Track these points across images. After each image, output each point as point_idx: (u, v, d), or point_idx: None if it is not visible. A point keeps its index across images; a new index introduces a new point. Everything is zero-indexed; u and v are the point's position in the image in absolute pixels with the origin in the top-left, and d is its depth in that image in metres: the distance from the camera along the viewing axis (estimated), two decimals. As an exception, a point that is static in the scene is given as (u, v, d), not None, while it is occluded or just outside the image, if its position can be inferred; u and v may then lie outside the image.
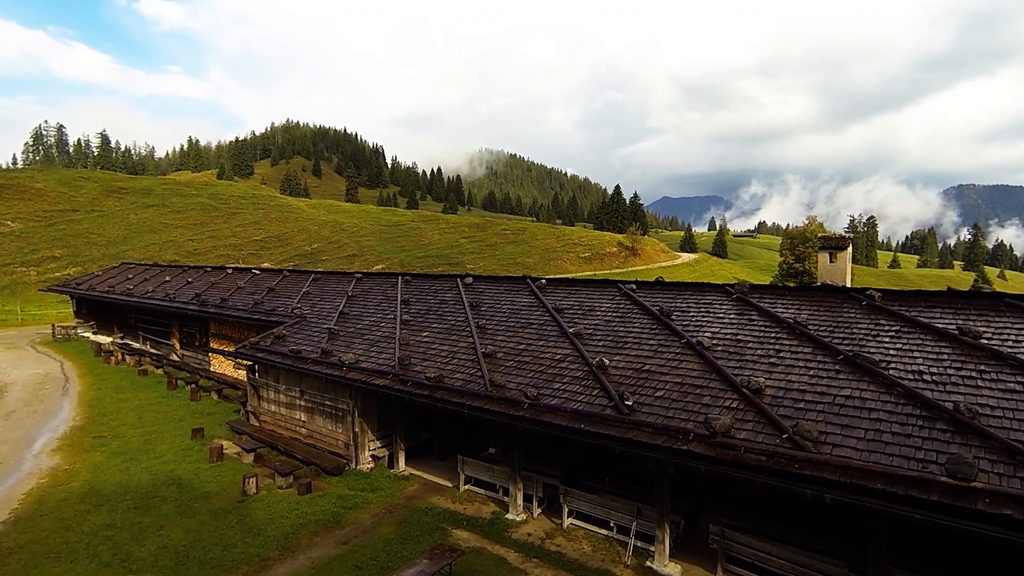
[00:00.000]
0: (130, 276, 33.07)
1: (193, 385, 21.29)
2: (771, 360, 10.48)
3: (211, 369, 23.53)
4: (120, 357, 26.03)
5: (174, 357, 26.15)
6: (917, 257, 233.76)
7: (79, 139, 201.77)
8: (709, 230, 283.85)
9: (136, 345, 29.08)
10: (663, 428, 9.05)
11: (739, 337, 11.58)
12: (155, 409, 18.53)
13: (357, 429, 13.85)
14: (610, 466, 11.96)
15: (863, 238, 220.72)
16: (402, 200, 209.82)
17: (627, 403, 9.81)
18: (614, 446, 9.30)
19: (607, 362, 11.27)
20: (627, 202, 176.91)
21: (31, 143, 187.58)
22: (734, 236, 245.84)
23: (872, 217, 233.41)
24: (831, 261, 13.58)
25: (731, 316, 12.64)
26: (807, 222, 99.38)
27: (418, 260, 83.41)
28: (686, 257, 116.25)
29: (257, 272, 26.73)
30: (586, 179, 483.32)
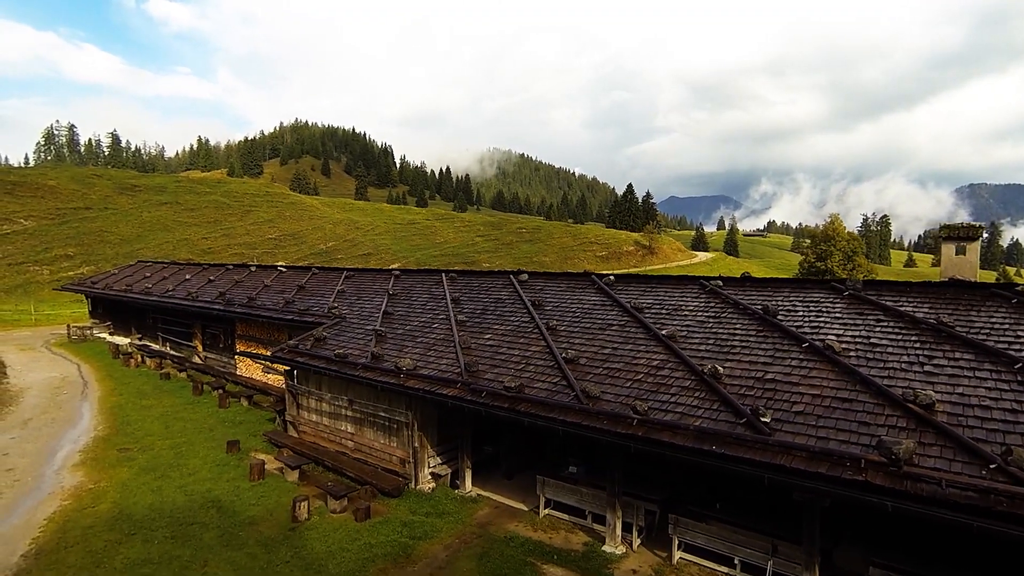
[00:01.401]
0: (148, 275, 31.70)
1: (220, 390, 19.79)
2: (926, 369, 8.83)
3: (238, 373, 22.05)
4: (140, 359, 24.61)
5: (196, 360, 24.71)
6: (931, 256, 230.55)
7: (90, 139, 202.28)
8: (718, 229, 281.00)
9: (156, 347, 27.67)
10: (822, 453, 7.41)
11: (872, 340, 9.93)
12: (182, 417, 17.04)
13: (416, 444, 12.28)
14: (723, 491, 10.31)
15: (876, 237, 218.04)
16: (411, 199, 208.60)
17: (763, 420, 8.19)
18: (760, 473, 7.66)
19: (720, 369, 9.63)
20: (639, 201, 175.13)
21: (43, 143, 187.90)
22: (744, 235, 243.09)
23: (885, 216, 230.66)
24: (958, 253, 11.88)
25: (850, 316, 11.00)
26: (829, 220, 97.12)
27: (434, 259, 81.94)
28: (702, 256, 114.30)
29: (283, 269, 25.26)
30: (594, 178, 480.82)
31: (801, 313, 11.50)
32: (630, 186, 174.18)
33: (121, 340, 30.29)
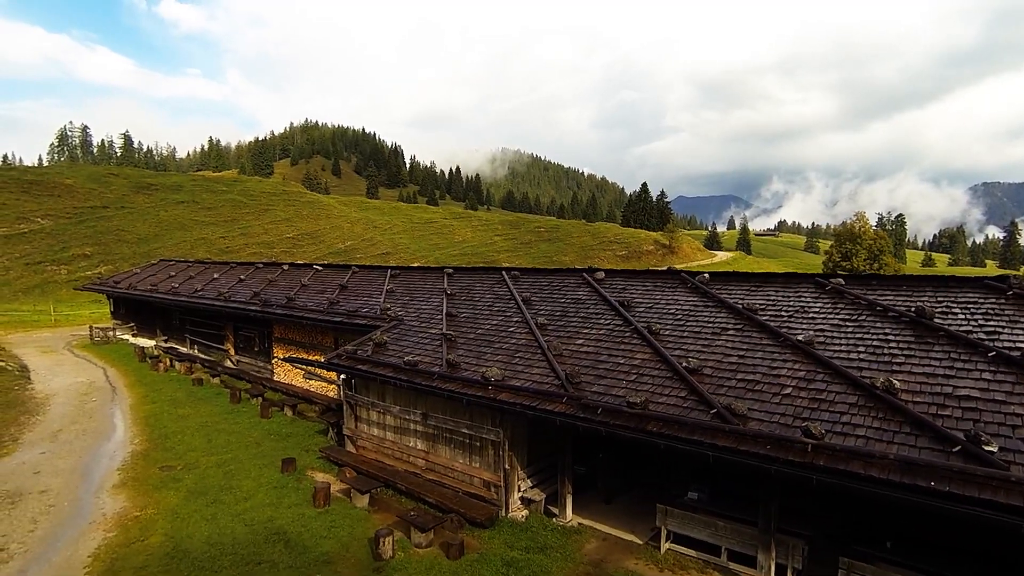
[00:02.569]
0: (172, 274, 30.35)
1: (259, 398, 18.34)
2: None
3: (275, 379, 20.57)
4: (168, 363, 23.21)
5: (228, 364, 23.27)
6: (947, 256, 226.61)
7: (103, 140, 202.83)
8: (728, 229, 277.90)
9: (184, 350, 26.29)
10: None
11: (1076, 349, 8.26)
12: (223, 429, 15.56)
13: (507, 466, 10.69)
14: (892, 526, 8.64)
15: (892, 236, 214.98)
16: (421, 199, 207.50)
17: (987, 449, 6.56)
18: (1004, 519, 6.03)
19: (896, 384, 7.98)
20: (653, 200, 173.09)
21: (56, 144, 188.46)
22: (755, 235, 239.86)
23: (900, 215, 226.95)
24: None
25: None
26: (854, 218, 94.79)
27: (453, 258, 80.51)
28: (722, 255, 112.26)
29: (319, 268, 23.77)
30: (603, 178, 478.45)
31: (963, 316, 9.83)
32: (644, 185, 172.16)
33: (146, 342, 28.96)
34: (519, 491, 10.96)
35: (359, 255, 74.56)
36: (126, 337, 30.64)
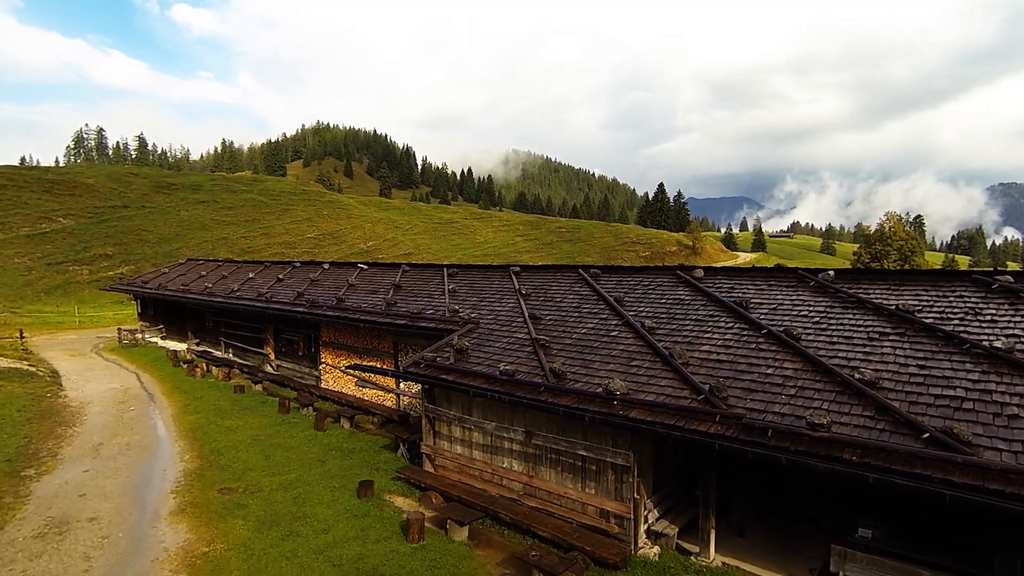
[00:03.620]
0: (203, 273, 29.05)
1: (310, 408, 16.91)
2: None
3: (323, 386, 19.12)
4: (205, 368, 21.84)
5: (269, 369, 21.87)
6: (968, 258, 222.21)
7: (118, 142, 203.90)
8: (740, 231, 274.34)
9: (219, 354, 24.94)
10: None
11: None
12: (279, 444, 14.09)
13: (637, 494, 9.10)
14: None
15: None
16: (434, 200, 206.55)
17: None
18: None
19: None
20: (671, 201, 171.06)
21: (72, 146, 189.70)
22: (770, 236, 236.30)
23: (919, 216, 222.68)
24: None
25: None
26: (885, 218, 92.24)
27: (476, 259, 79.03)
28: (745, 256, 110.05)
29: (364, 267, 22.32)
30: (614, 179, 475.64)
31: None
32: (661, 186, 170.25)
33: (177, 345, 27.68)
34: (645, 523, 9.38)
35: (381, 255, 73.29)
36: (155, 340, 29.39)
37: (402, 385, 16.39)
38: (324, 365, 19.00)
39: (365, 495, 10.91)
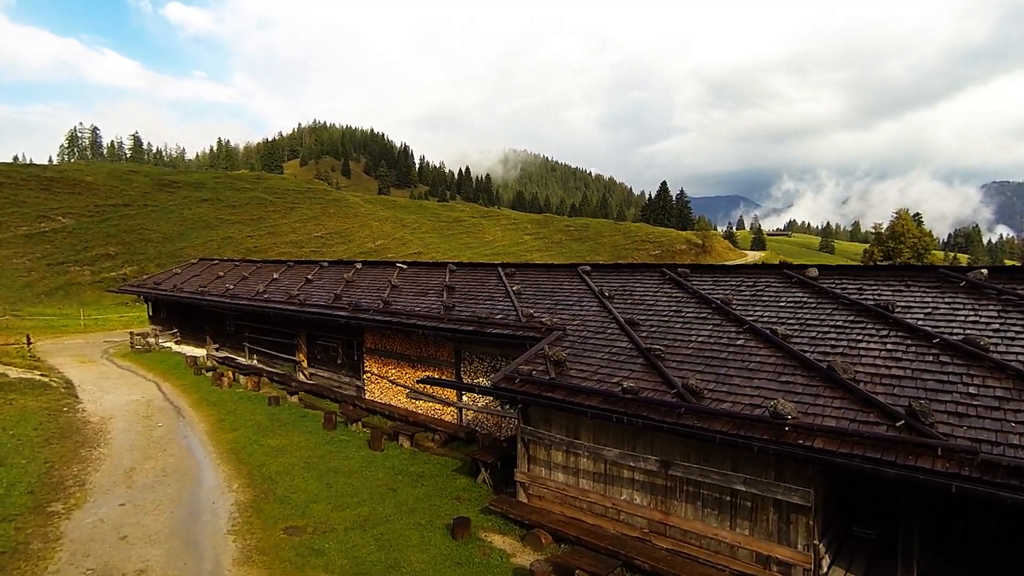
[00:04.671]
0: (220, 274, 27.28)
1: (358, 423, 15.23)
2: None
3: (367, 397, 17.42)
4: (232, 377, 20.09)
5: (301, 378, 20.15)
6: (967, 256, 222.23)
7: (112, 141, 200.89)
8: (737, 229, 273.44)
9: (243, 360, 23.18)
10: None
11: None
12: (336, 468, 12.41)
13: (816, 539, 7.49)
14: None
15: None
16: (432, 199, 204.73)
17: None
18: None
19: None
20: (673, 199, 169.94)
21: (67, 145, 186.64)
22: (767, 235, 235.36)
23: (918, 214, 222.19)
24: None
25: None
26: (897, 216, 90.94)
27: (486, 258, 77.18)
28: (753, 255, 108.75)
29: (404, 267, 20.63)
30: (611, 178, 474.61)
31: None
32: (664, 184, 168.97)
33: (194, 350, 25.90)
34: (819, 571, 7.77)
35: (390, 255, 71.39)
36: (169, 345, 27.61)
37: (465, 398, 14.74)
38: (369, 375, 17.30)
39: (461, 535, 9.24)
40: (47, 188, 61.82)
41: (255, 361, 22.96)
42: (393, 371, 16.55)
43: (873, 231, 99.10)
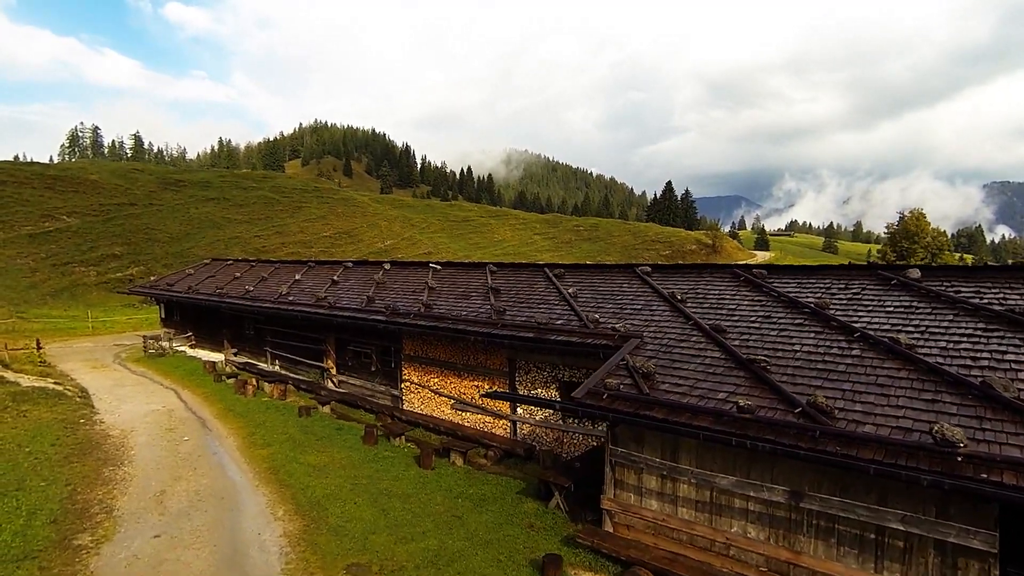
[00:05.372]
0: (237, 275, 26.10)
1: (401, 438, 14.07)
2: None
3: (405, 407, 16.25)
4: (256, 385, 18.93)
5: (331, 386, 18.98)
6: (971, 256, 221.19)
7: (113, 140, 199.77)
8: (739, 229, 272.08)
9: (265, 366, 22.02)
10: None
11: None
12: (387, 490, 11.24)
13: (999, 596, 6.34)
14: None
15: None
16: (435, 199, 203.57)
17: None
18: None
19: None
20: (678, 199, 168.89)
21: (67, 145, 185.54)
22: (770, 235, 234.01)
23: (923, 214, 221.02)
24: None
25: None
26: (910, 214, 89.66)
27: (496, 258, 75.87)
28: (762, 255, 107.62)
29: (438, 267, 19.48)
30: (612, 179, 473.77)
31: None
32: (669, 184, 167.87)
33: (211, 355, 24.75)
34: (997, 633, 6.61)
35: (400, 255, 70.15)
36: (183, 349, 26.44)
37: (520, 410, 13.57)
38: (408, 383, 16.13)
39: (551, 576, 8.07)
40: (51, 187, 60.57)
41: (278, 367, 21.80)
42: (435, 380, 15.38)
43: (887, 231, 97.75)
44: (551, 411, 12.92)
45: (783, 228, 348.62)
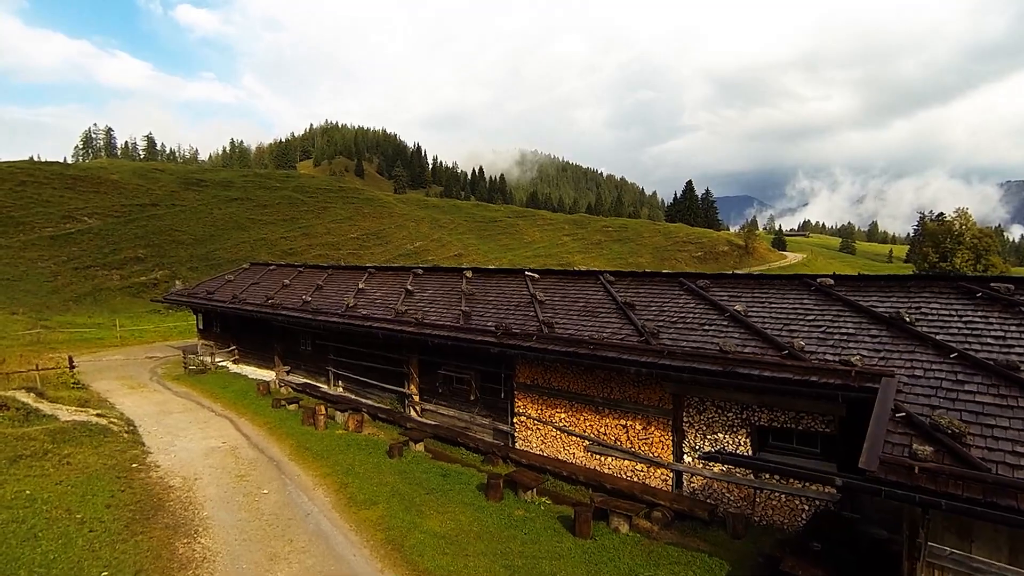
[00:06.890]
0: (286, 282, 23.49)
1: (532, 491, 11.36)
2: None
3: (518, 447, 13.54)
4: (326, 413, 16.28)
5: (413, 414, 16.32)
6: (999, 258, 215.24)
7: (126, 141, 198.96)
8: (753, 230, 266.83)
9: (327, 389, 19.41)
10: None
11: None
12: (547, 573, 8.54)
13: None
14: None
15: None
16: (448, 200, 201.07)
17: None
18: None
19: None
20: (699, 199, 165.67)
21: (81, 146, 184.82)
22: (785, 235, 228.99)
23: (942, 214, 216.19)
24: None
25: None
26: (957, 213, 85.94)
27: (527, 260, 73.23)
28: (793, 257, 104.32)
29: (536, 275, 16.77)
30: (622, 178, 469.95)
31: None
32: (689, 183, 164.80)
33: (258, 372, 22.23)
34: None
35: (431, 257, 67.61)
36: (226, 365, 23.91)
37: (687, 458, 10.82)
38: (522, 418, 13.41)
39: None
40: (71, 187, 58.44)
41: (341, 390, 19.17)
42: (562, 415, 12.65)
43: (916, 228, 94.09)
44: (730, 465, 10.19)
45: (796, 228, 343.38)
